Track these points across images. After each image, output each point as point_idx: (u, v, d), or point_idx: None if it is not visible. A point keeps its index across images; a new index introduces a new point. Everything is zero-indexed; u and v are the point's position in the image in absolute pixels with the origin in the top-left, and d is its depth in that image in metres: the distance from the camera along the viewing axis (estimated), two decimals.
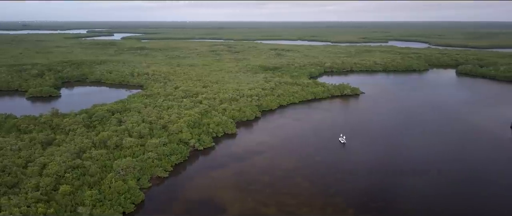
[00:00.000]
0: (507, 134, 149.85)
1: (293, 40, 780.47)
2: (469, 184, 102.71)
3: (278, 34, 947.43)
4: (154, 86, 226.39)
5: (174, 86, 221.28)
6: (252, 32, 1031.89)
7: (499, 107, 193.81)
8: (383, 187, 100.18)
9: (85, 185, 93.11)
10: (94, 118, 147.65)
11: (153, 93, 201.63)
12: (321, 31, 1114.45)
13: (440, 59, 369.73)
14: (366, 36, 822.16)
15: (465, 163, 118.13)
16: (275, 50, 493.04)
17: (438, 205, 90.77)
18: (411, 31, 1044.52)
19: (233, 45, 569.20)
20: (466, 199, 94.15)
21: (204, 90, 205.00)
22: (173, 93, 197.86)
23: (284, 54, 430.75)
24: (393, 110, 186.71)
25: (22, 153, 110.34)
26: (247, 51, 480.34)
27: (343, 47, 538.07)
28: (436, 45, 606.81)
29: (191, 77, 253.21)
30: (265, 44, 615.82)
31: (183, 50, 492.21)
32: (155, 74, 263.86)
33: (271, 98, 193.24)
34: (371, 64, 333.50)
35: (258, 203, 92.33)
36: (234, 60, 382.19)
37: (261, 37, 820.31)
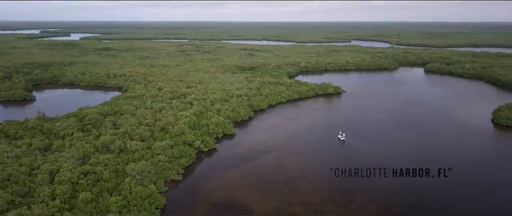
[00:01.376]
0: (490, 127, 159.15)
1: (258, 40, 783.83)
2: (480, 179, 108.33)
3: (243, 34, 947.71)
4: (135, 87, 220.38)
5: (156, 87, 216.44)
6: (216, 32, 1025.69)
7: (474, 103, 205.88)
8: (399, 184, 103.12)
9: (104, 191, 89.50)
10: (87, 121, 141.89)
11: (138, 95, 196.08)
12: (285, 31, 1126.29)
13: (407, 58, 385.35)
14: (329, 36, 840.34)
15: (464, 158, 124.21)
16: (245, 50, 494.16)
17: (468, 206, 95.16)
18: (371, 31, 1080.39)
19: (200, 45, 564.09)
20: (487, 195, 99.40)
21: (190, 91, 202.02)
22: (159, 95, 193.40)
23: (256, 54, 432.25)
24: (379, 108, 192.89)
25: (22, 161, 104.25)
26: (217, 51, 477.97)
27: (310, 47, 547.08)
28: (397, 44, 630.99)
29: (171, 78, 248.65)
30: (232, 44, 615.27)
31: (151, 50, 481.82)
32: (132, 75, 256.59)
33: (260, 98, 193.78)
34: (344, 63, 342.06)
35: (282, 202, 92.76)
36: (207, 60, 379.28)
37: (227, 37, 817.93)
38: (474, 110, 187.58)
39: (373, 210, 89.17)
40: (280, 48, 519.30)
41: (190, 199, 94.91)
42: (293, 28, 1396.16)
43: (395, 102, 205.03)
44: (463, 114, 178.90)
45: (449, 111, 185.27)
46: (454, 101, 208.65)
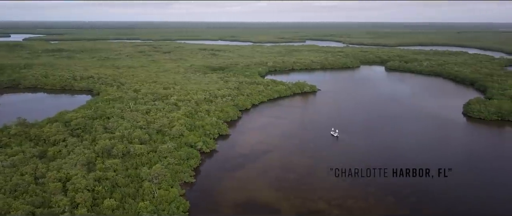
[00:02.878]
0: (464, 120, 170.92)
1: (214, 40, 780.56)
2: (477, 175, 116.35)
3: (198, 34, 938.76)
4: (109, 90, 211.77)
5: (132, 89, 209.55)
6: (169, 33, 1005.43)
7: (441, 98, 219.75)
8: (401, 183, 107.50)
9: (125, 197, 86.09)
10: (75, 126, 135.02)
11: (115, 97, 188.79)
12: (238, 31, 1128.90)
13: (366, 56, 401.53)
14: (283, 36, 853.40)
15: (456, 151, 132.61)
16: (205, 50, 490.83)
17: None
18: (323, 31, 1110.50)
19: (157, 46, 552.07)
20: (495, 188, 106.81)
21: (169, 92, 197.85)
22: (138, 97, 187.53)
23: (219, 54, 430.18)
24: (357, 104, 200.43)
25: (23, 169, 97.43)
26: (177, 51, 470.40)
27: (269, 47, 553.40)
28: (350, 44, 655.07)
29: (143, 80, 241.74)
30: (190, 44, 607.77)
31: (107, 51, 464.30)
32: (101, 77, 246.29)
33: (243, 97, 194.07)
34: (310, 62, 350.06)
35: (304, 199, 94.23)
36: (170, 60, 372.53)
37: (181, 37, 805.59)
38: (444, 104, 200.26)
39: (391, 203, 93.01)
40: (240, 48, 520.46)
41: (210, 201, 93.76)
42: (244, 28, 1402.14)
43: (370, 99, 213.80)
44: (436, 108, 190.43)
45: (422, 106, 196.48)
46: (422, 97, 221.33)
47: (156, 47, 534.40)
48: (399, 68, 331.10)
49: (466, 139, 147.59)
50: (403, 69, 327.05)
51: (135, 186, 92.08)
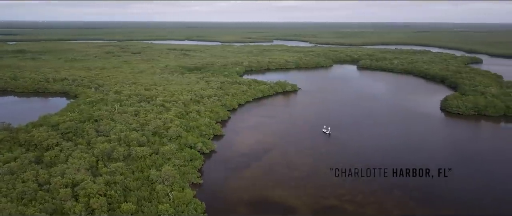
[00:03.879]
0: (443, 115, 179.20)
1: (180, 40, 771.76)
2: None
3: (164, 34, 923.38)
4: (88, 92, 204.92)
5: (112, 91, 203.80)
6: (133, 33, 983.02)
7: (417, 94, 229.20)
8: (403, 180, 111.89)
9: (142, 200, 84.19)
10: (64, 130, 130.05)
11: (98, 100, 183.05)
12: (206, 31, 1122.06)
13: (337, 56, 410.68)
14: (250, 36, 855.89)
15: (445, 145, 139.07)
16: (175, 50, 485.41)
17: None
18: (288, 31, 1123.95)
19: (125, 46, 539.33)
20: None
21: (152, 93, 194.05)
22: (122, 98, 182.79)
23: (191, 54, 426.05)
24: (339, 102, 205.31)
25: (24, 176, 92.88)
26: (146, 51, 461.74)
27: (239, 47, 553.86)
28: (317, 43, 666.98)
29: (120, 81, 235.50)
30: (158, 44, 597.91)
31: (72, 52, 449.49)
32: (76, 79, 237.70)
33: (229, 97, 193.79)
34: (284, 62, 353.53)
35: (315, 197, 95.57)
36: (143, 61, 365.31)
37: (147, 38, 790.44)
38: (421, 100, 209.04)
39: (397, 197, 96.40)
40: (210, 48, 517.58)
41: (222, 201, 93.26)
42: (207, 28, 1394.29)
43: (351, 97, 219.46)
44: (415, 104, 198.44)
45: (401, 102, 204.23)
46: (400, 94, 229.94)
47: (123, 47, 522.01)
48: (371, 67, 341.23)
49: (453, 134, 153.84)
50: (375, 67, 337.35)
51: (147, 189, 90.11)
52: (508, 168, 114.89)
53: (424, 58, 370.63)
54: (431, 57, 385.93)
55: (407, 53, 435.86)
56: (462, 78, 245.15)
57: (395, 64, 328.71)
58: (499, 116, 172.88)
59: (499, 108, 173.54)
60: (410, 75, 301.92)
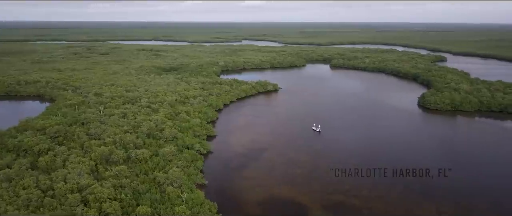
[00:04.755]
0: (421, 111, 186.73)
1: (147, 40, 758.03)
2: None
3: (130, 34, 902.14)
4: (66, 94, 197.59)
5: (92, 92, 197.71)
6: (97, 33, 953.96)
7: (393, 91, 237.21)
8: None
9: (156, 203, 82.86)
10: (53, 134, 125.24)
11: (77, 102, 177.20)
12: (172, 31, 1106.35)
13: (309, 55, 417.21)
14: (218, 36, 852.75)
15: (432, 139, 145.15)
16: (144, 50, 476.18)
17: None
18: (256, 31, 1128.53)
19: (92, 47, 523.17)
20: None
21: (136, 95, 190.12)
22: (105, 101, 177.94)
23: (163, 55, 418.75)
24: (322, 100, 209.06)
25: (24, 183, 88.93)
26: (115, 52, 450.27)
27: (210, 47, 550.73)
28: (286, 43, 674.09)
29: (98, 83, 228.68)
30: (126, 45, 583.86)
31: (37, 53, 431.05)
32: (50, 81, 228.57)
33: (213, 98, 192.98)
34: (259, 62, 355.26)
35: (322, 193, 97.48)
36: (114, 62, 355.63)
37: (112, 38, 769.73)
38: (399, 97, 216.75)
39: (400, 190, 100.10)
40: (181, 48, 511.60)
41: (232, 201, 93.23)
42: (173, 28, 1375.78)
43: (331, 95, 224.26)
44: (394, 101, 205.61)
45: (380, 99, 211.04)
46: (376, 91, 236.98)
47: (90, 48, 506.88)
48: (344, 66, 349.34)
49: (439, 129, 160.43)
50: (348, 66, 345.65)
51: (156, 191, 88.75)
52: (492, 157, 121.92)
53: (393, 57, 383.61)
54: (399, 56, 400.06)
55: (376, 52, 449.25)
56: (433, 76, 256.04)
57: (367, 63, 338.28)
58: (474, 111, 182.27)
59: (474, 104, 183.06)
60: (382, 74, 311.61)
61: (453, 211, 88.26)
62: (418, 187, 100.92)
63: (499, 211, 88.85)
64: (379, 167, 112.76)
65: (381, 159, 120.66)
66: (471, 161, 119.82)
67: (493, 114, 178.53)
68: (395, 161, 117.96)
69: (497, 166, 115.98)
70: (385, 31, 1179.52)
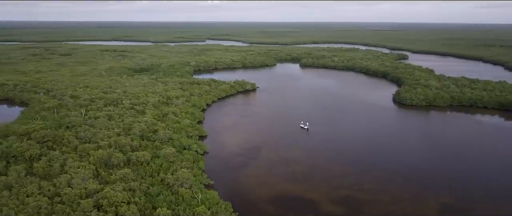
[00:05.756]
0: (397, 106, 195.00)
1: (107, 41, 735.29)
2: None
3: (89, 34, 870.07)
4: (39, 98, 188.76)
5: (67, 95, 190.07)
6: (52, 33, 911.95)
7: (368, 88, 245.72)
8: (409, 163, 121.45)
9: (172, 205, 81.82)
10: (41, 139, 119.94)
11: (55, 105, 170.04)
12: (133, 31, 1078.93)
13: (278, 55, 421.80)
14: (181, 36, 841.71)
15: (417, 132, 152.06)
16: (107, 51, 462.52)
17: None
18: (218, 30, 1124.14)
19: (50, 48, 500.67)
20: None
21: (115, 96, 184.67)
22: (83, 103, 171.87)
23: (129, 56, 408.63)
24: (301, 98, 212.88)
25: (27, 190, 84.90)
26: (78, 53, 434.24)
27: (175, 46, 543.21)
28: (251, 43, 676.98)
29: (70, 85, 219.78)
30: (87, 45, 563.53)
31: None
32: (17, 85, 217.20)
33: (195, 98, 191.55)
34: (230, 61, 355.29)
35: (327, 188, 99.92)
36: (79, 64, 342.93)
37: (70, 39, 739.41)
38: (374, 94, 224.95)
39: (399, 182, 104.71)
40: (146, 49, 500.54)
41: (242, 199, 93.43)
42: (131, 28, 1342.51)
43: (308, 93, 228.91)
44: (369, 98, 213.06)
45: (356, 97, 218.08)
46: (350, 89, 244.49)
47: (49, 49, 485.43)
48: (313, 65, 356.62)
49: (421, 124, 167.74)
50: (317, 65, 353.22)
51: (168, 193, 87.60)
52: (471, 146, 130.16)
53: (359, 55, 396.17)
54: (365, 54, 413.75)
55: (340, 51, 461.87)
56: (402, 73, 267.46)
57: (336, 62, 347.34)
58: (446, 106, 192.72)
59: (446, 99, 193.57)
60: (351, 72, 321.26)
61: (453, 200, 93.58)
62: (415, 178, 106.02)
63: (491, 194, 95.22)
64: (374, 161, 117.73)
65: (374, 153, 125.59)
66: (457, 152, 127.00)
67: (464, 108, 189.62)
68: (388, 155, 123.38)
69: (483, 155, 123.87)
70: (341, 30, 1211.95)
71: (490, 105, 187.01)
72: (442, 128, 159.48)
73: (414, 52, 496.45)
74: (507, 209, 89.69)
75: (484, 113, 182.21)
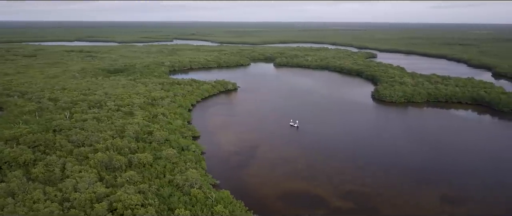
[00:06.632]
0: (376, 103, 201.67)
1: (70, 41, 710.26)
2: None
3: (50, 34, 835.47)
4: (15, 101, 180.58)
5: (45, 97, 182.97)
6: (9, 33, 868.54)
7: (346, 86, 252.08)
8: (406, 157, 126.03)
9: (188, 205, 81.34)
10: (31, 143, 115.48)
11: (35, 109, 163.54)
12: (97, 31, 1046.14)
13: (251, 54, 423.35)
14: (147, 35, 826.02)
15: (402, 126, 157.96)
16: (74, 52, 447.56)
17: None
18: (184, 30, 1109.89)
19: (11, 49, 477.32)
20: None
21: (97, 98, 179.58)
22: (65, 106, 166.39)
23: (98, 56, 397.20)
24: (285, 97, 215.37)
25: (33, 196, 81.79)
26: (43, 54, 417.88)
27: (144, 46, 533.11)
28: (220, 42, 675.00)
29: (45, 87, 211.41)
30: (51, 46, 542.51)
31: None
32: None
33: (180, 98, 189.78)
34: (205, 61, 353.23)
35: (332, 184, 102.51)
36: (47, 65, 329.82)
37: (29, 39, 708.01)
38: (353, 92, 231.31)
39: (396, 173, 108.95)
40: (115, 49, 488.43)
41: (251, 197, 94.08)
42: (93, 28, 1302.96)
43: (289, 92, 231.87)
44: (350, 96, 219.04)
45: (336, 94, 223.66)
46: (328, 87, 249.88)
47: (9, 50, 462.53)
48: (288, 64, 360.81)
49: (405, 120, 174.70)
50: (292, 64, 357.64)
51: (179, 194, 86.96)
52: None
53: (331, 54, 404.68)
54: (336, 54, 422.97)
55: (311, 50, 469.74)
56: (376, 71, 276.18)
57: (310, 61, 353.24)
58: (423, 102, 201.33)
59: (423, 95, 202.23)
60: (325, 71, 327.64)
61: (449, 189, 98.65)
62: (410, 171, 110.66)
63: (484, 183, 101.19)
64: (369, 156, 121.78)
65: (367, 149, 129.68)
66: (444, 145, 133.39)
67: (440, 104, 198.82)
68: (380, 150, 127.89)
69: (466, 148, 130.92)
70: (307, 30, 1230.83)
71: (464, 100, 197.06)
72: (425, 122, 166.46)
73: (381, 51, 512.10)
74: (486, 194, 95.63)
75: (458, 108, 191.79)
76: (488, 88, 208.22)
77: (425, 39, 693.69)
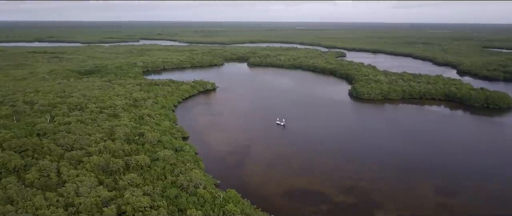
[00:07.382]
0: (353, 100, 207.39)
1: (30, 42, 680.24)
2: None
3: (3, 34, 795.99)
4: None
5: (20, 101, 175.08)
6: None
7: (322, 85, 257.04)
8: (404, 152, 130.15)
9: (198, 205, 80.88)
10: (18, 148, 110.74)
11: (11, 113, 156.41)
12: (56, 31, 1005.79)
13: (223, 54, 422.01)
14: (111, 36, 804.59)
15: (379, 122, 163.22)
16: (37, 53, 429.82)
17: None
18: (151, 30, 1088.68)
19: None
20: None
21: (76, 101, 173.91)
22: (44, 109, 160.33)
23: (66, 57, 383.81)
24: (265, 96, 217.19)
25: (34, 203, 78.71)
26: (3, 56, 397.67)
27: (111, 47, 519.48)
28: (189, 42, 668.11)
29: (17, 90, 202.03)
30: (11, 47, 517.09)
31: None
32: None
33: (162, 99, 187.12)
34: (179, 62, 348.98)
35: (332, 180, 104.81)
36: (10, 67, 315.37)
37: None
38: (330, 90, 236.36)
39: (393, 170, 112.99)
40: (81, 50, 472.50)
41: (256, 196, 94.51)
42: (51, 28, 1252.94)
43: (267, 91, 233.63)
44: (327, 94, 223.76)
45: (314, 93, 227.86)
46: (305, 86, 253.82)
47: None
48: (262, 64, 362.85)
49: (385, 116, 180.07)
50: (266, 64, 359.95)
51: (185, 195, 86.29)
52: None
53: (302, 54, 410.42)
54: (307, 53, 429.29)
55: (282, 50, 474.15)
56: (350, 70, 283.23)
57: (283, 60, 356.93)
58: (399, 99, 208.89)
59: (399, 92, 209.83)
60: (299, 70, 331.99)
61: (441, 181, 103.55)
62: (403, 165, 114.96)
63: (478, 177, 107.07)
64: (360, 152, 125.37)
65: (356, 145, 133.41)
66: (428, 139, 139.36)
67: (415, 100, 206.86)
68: (369, 146, 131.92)
69: (454, 142, 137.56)
70: (274, 30, 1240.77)
71: (437, 97, 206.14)
72: (404, 118, 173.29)
73: (349, 50, 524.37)
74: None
75: (432, 104, 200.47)
76: (458, 85, 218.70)
77: (389, 39, 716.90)
